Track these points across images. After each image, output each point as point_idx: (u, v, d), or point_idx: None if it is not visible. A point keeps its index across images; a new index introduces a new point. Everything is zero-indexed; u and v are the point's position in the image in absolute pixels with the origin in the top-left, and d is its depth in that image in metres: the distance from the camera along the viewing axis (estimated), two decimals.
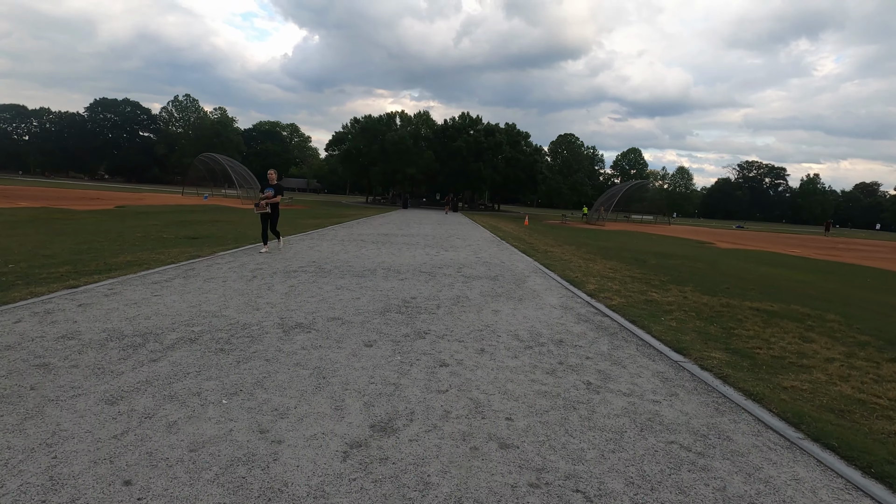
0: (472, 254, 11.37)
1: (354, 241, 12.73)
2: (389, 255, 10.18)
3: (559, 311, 5.74)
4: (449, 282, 7.21)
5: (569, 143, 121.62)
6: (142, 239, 10.77)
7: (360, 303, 5.48)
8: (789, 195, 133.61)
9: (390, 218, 27.36)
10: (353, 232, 15.72)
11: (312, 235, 13.61)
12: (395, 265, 8.61)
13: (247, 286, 6.00)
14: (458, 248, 12.58)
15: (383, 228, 18.25)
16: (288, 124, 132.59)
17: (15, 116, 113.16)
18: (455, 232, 18.80)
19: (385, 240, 13.48)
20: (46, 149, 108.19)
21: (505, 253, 12.09)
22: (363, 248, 10.99)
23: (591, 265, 10.59)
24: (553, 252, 13.14)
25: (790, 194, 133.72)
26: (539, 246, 15.05)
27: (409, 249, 11.37)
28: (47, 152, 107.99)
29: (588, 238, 22.51)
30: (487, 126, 56.91)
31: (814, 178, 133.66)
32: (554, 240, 18.78)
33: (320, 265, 8.01)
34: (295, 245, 10.89)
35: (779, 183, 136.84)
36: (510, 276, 8.15)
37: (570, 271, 9.21)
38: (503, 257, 11.10)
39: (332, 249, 10.47)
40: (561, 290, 7.17)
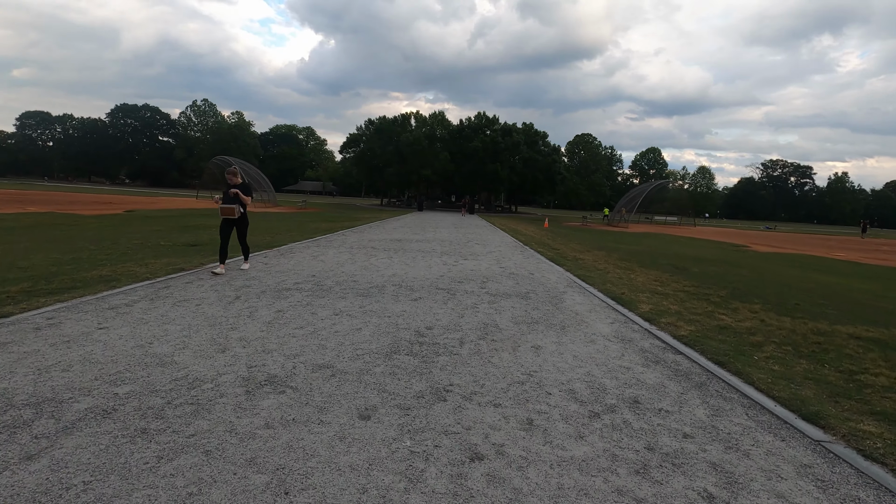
0: (494, 263, 10.10)
1: (364, 248, 11.57)
2: (402, 265, 8.97)
3: (617, 346, 4.45)
4: (472, 302, 5.96)
5: (586, 144, 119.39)
6: (136, 247, 9.79)
7: (360, 337, 4.26)
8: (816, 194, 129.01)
9: (405, 221, 26.22)
10: (363, 237, 14.58)
11: (319, 242, 12.49)
12: (407, 279, 7.39)
13: (223, 312, 4.83)
14: (479, 255, 11.33)
15: (397, 233, 17.08)
16: (304, 128, 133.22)
17: (39, 123, 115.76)
18: (473, 236, 17.54)
19: (398, 246, 12.29)
20: (70, 154, 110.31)
21: (531, 261, 10.78)
22: (373, 258, 9.80)
23: (632, 276, 9.22)
24: (584, 259, 11.79)
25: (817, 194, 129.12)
26: (566, 252, 13.70)
27: (424, 258, 10.16)
28: (70, 157, 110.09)
29: (615, 242, 21.02)
30: (504, 126, 55.53)
31: (842, 176, 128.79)
32: (580, 244, 17.37)
33: (320, 281, 6.83)
34: (297, 254, 9.76)
35: (805, 182, 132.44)
36: (543, 293, 6.86)
37: (612, 285, 7.88)
38: (530, 266, 9.80)
39: (338, 259, 9.30)
40: (609, 313, 5.86)
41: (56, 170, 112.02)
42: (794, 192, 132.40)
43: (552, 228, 28.94)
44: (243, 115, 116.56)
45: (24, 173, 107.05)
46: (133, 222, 18.07)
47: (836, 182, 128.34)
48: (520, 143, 53.83)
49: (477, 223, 28.85)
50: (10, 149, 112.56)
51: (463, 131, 55.50)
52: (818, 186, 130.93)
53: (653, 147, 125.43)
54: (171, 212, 25.63)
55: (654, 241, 24.31)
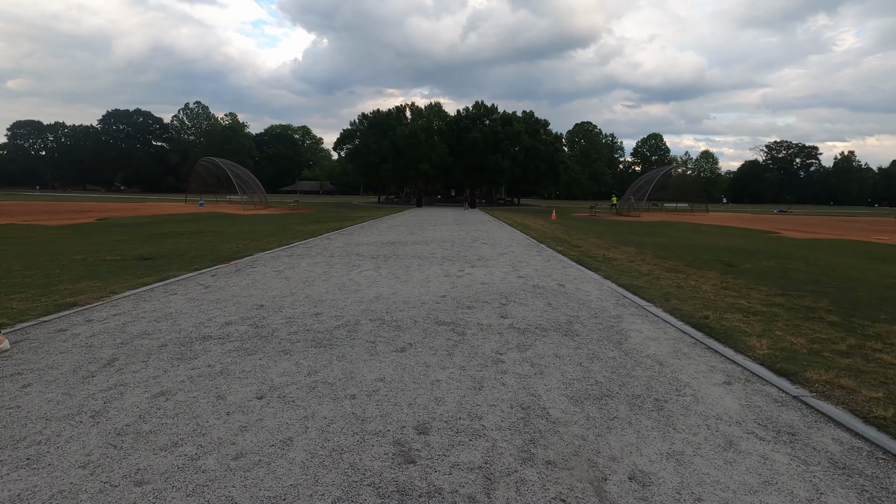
0: (510, 269, 7.96)
1: (348, 256, 9.43)
2: (391, 280, 6.84)
3: (783, 457, 2.31)
4: (492, 349, 3.82)
5: (586, 132, 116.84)
6: (74, 264, 7.84)
7: (277, 470, 2.12)
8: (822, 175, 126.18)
9: (401, 219, 24.04)
10: (350, 241, 12.44)
11: (295, 249, 10.37)
12: (395, 306, 5.25)
13: (53, 409, 2.70)
14: (489, 259, 9.18)
15: (391, 234, 14.92)
16: (299, 127, 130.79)
17: (31, 132, 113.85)
18: (479, 234, 15.38)
19: (390, 252, 10.15)
20: (62, 163, 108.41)
21: (555, 265, 8.62)
22: (354, 270, 7.67)
23: (691, 282, 7.07)
24: (616, 259, 9.62)
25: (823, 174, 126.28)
26: (591, 249, 11.54)
27: (420, 267, 8.02)
28: (63, 166, 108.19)
29: (635, 233, 18.83)
30: (504, 115, 53.10)
31: (848, 155, 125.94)
32: (601, 238, 15.19)
33: (265, 317, 4.68)
34: (258, 269, 7.63)
35: (811, 163, 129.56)
36: (592, 322, 4.72)
37: (677, 300, 5.72)
38: (556, 273, 7.66)
39: (309, 274, 7.17)
40: (710, 359, 3.70)
41: (50, 179, 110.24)
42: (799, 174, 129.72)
43: (562, 221, 26.75)
44: (237, 117, 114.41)
45: (17, 184, 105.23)
46: (97, 232, 16.00)
47: (843, 161, 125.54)
48: (520, 133, 51.43)
49: (480, 218, 26.68)
50: (1, 160, 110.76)
51: (461, 122, 53.10)
52: (824, 167, 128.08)
53: (654, 133, 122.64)
54: (148, 218, 23.53)
55: (675, 230, 22.10)
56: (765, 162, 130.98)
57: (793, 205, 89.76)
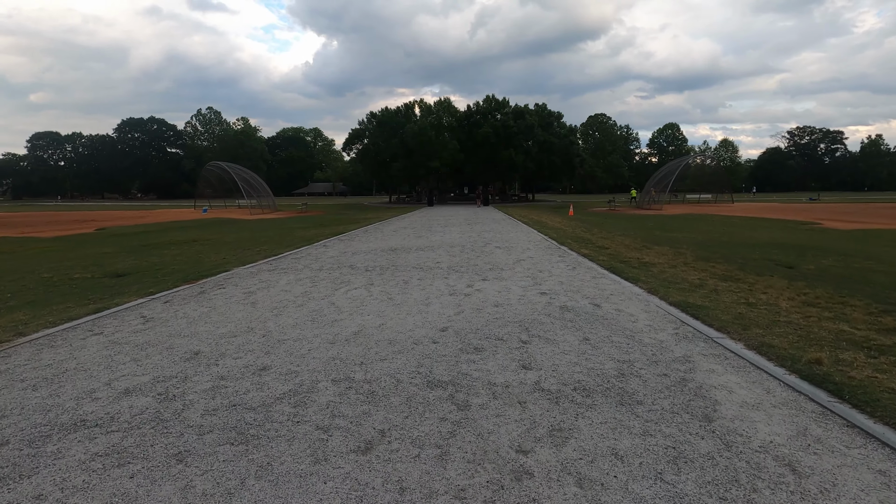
0: (530, 282, 6.54)
1: (339, 268, 8.11)
2: (380, 304, 5.48)
3: None
4: (510, 442, 2.42)
5: (600, 124, 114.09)
6: (32, 284, 6.90)
7: None
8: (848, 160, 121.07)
9: (409, 220, 22.71)
10: (348, 249, 11.12)
11: (284, 261, 9.10)
12: (374, 351, 3.88)
13: None
14: (504, 268, 7.77)
15: (395, 238, 13.58)
16: (311, 129, 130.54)
17: (50, 143, 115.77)
18: (492, 235, 13.96)
19: (388, 261, 8.80)
20: (80, 172, 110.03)
21: (583, 275, 7.17)
22: (340, 289, 6.33)
23: (759, 295, 5.57)
24: (655, 264, 8.12)
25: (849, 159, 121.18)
26: (620, 251, 10.04)
27: (420, 283, 6.66)
28: (81, 175, 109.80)
29: (663, 229, 17.19)
30: (516, 108, 51.33)
31: (876, 139, 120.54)
32: (627, 236, 13.64)
33: (189, 377, 3.33)
34: (227, 290, 6.34)
35: (836, 148, 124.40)
36: (654, 374, 3.28)
37: (761, 329, 4.24)
38: (587, 287, 6.22)
39: (282, 298, 5.86)
40: (863, 449, 2.29)
41: (69, 189, 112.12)
42: (824, 160, 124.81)
43: (581, 217, 25.13)
44: (249, 121, 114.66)
45: (38, 194, 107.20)
46: (88, 244, 15.05)
47: (870, 146, 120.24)
48: (533, 126, 49.62)
49: (494, 216, 25.20)
50: (22, 171, 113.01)
51: (471, 117, 51.51)
52: (851, 152, 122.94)
53: (671, 123, 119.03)
54: (149, 227, 22.66)
55: (706, 224, 20.35)
56: (787, 149, 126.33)
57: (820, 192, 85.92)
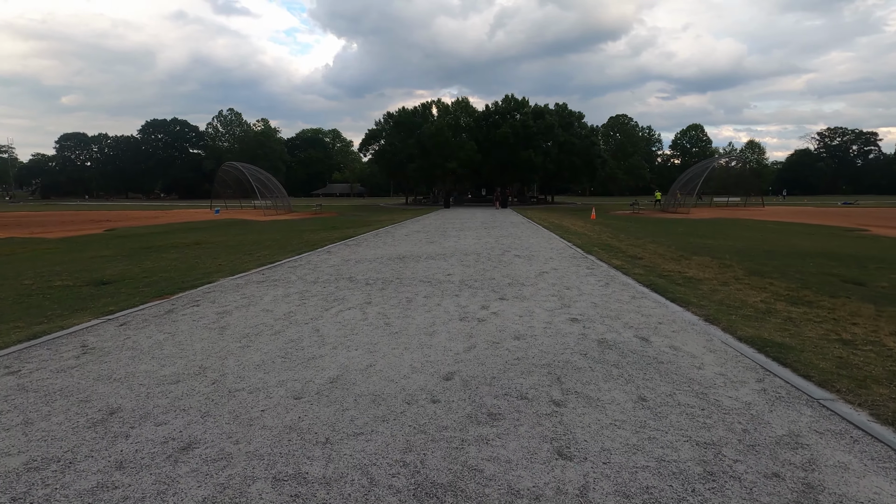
0: (556, 304, 5.45)
1: (336, 281, 7.15)
2: (374, 332, 4.47)
3: None
4: None
5: (621, 125, 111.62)
6: (10, 292, 6.07)
7: None
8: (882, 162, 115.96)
9: (423, 223, 21.72)
10: (352, 256, 10.16)
11: (280, 269, 8.20)
12: (348, 417, 2.87)
13: None
14: (525, 283, 6.69)
15: (405, 244, 12.59)
16: (329, 130, 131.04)
17: (77, 144, 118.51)
18: (511, 241, 12.86)
19: (393, 273, 7.80)
20: (106, 172, 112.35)
21: (619, 294, 6.03)
22: (331, 309, 5.34)
23: (852, 328, 4.40)
24: (702, 280, 6.94)
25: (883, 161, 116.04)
26: (656, 262, 8.86)
27: (426, 302, 5.62)
28: (107, 175, 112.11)
29: (696, 235, 15.86)
30: (535, 108, 49.98)
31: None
32: (658, 243, 12.39)
33: (76, 460, 2.38)
34: (200, 309, 5.41)
35: (869, 150, 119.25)
36: (759, 475, 2.21)
37: (885, 387, 3.12)
38: (628, 311, 5.10)
39: (258, 321, 4.89)
40: None
41: (95, 188, 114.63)
42: (856, 162, 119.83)
43: (605, 221, 23.81)
44: (269, 122, 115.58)
45: (66, 194, 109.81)
46: (90, 246, 14.50)
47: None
48: (553, 126, 48.23)
49: (512, 220, 24.05)
50: (51, 171, 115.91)
51: (490, 117, 50.35)
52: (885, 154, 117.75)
53: (694, 124, 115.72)
54: (159, 228, 22.18)
55: (740, 229, 18.87)
56: (817, 150, 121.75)
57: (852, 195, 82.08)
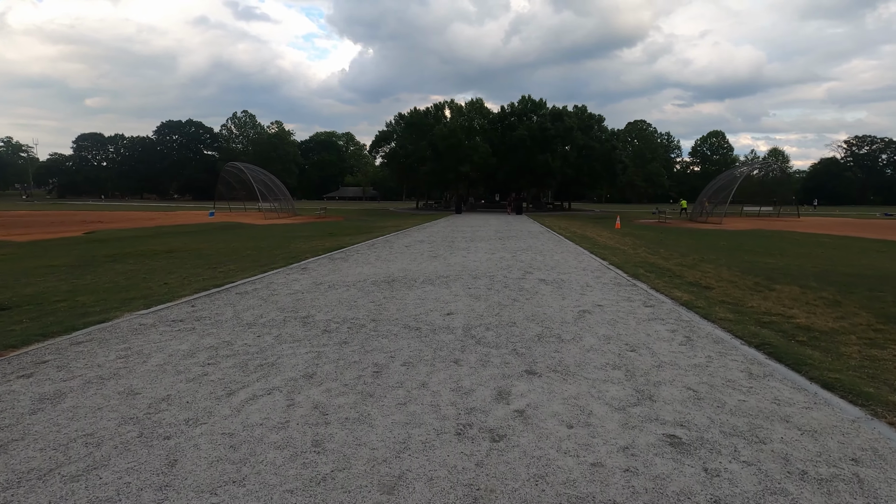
0: (632, 400, 3.12)
1: (282, 325, 4.89)
2: (270, 482, 2.26)
3: None
4: None
5: (640, 131, 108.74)
6: None
7: None
8: None
9: (430, 231, 19.47)
10: (329, 276, 7.93)
11: (227, 294, 6.03)
12: None
13: None
14: (562, 338, 4.35)
15: (402, 259, 10.35)
16: (343, 133, 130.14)
17: (93, 144, 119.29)
18: (531, 256, 10.56)
19: (370, 311, 5.55)
20: (122, 172, 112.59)
21: (718, 364, 3.65)
22: (233, 396, 3.06)
23: None
24: (832, 333, 4.57)
25: None
26: (735, 296, 6.48)
27: (400, 386, 3.30)
28: (122, 175, 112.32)
29: (752, 252, 13.33)
30: (553, 110, 47.55)
31: None
32: (716, 265, 9.95)
33: None
34: (44, 372, 3.28)
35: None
36: None
37: None
38: (749, 404, 2.82)
39: (99, 423, 2.71)
40: None
41: (111, 188, 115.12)
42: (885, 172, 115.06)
43: (632, 231, 21.32)
44: (283, 125, 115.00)
45: (82, 193, 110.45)
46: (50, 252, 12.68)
47: None
48: (573, 129, 45.73)
49: (529, 228, 21.69)
50: (68, 171, 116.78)
51: (505, 119, 48.06)
52: None
53: (715, 131, 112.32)
54: (141, 231, 20.29)
55: (795, 245, 16.24)
56: (843, 159, 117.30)
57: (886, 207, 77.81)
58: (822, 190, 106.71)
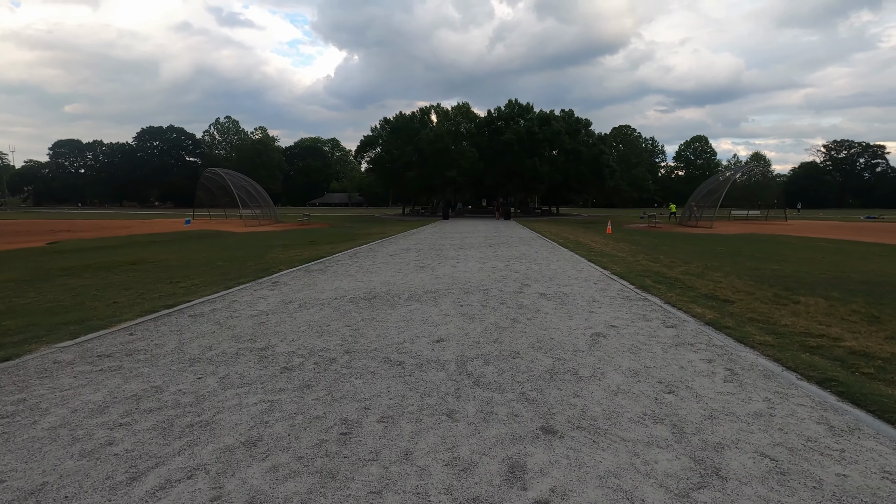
0: (693, 482, 2.37)
1: (234, 361, 3.96)
2: None
3: None
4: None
5: (624, 136, 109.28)
6: None
7: None
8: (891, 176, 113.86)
9: (417, 238, 18.59)
10: (299, 295, 7.00)
11: (176, 319, 5.08)
12: None
13: None
14: (582, 377, 3.47)
15: (385, 270, 9.45)
16: (329, 139, 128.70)
17: (71, 151, 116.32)
18: (525, 266, 9.75)
19: (345, 340, 4.63)
20: (100, 179, 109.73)
21: (813, 429, 2.86)
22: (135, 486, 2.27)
23: None
24: (884, 358, 3.86)
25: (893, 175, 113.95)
26: (762, 310, 5.73)
27: (373, 460, 2.51)
28: (101, 183, 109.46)
29: (754, 258, 12.71)
30: (541, 114, 47.09)
31: None
32: (724, 273, 9.25)
33: None
34: None
35: (877, 163, 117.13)
36: None
37: None
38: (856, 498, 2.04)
39: None
40: None
41: (89, 196, 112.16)
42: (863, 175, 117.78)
43: (624, 236, 20.70)
44: (267, 131, 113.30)
45: (60, 201, 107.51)
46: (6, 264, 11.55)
47: None
48: (560, 133, 45.29)
49: (519, 234, 20.93)
50: (44, 178, 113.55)
51: (492, 123, 47.44)
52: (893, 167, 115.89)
53: (699, 136, 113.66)
54: (111, 241, 19.06)
55: (794, 249, 15.70)
56: (823, 163, 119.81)
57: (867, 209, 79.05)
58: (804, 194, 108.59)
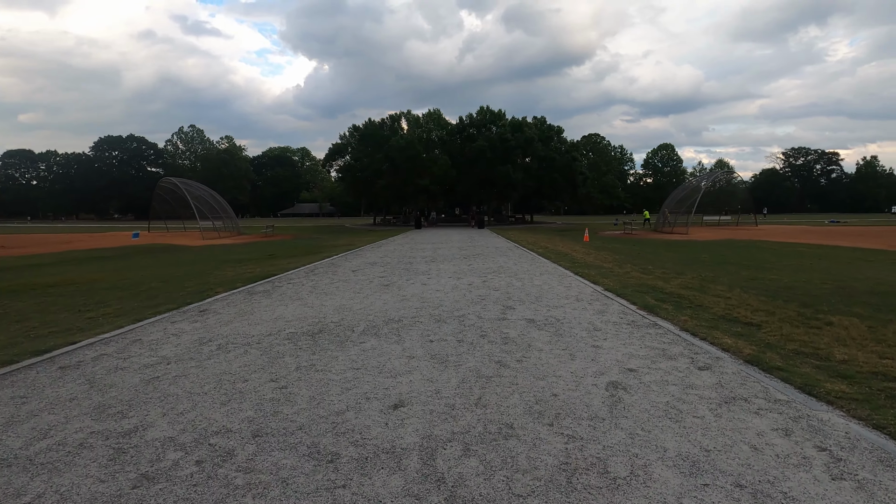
0: None
1: (73, 463, 2.61)
2: None
3: None
4: None
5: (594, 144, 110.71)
6: None
7: None
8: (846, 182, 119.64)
9: (385, 250, 17.17)
10: (226, 330, 5.53)
11: (83, 353, 3.59)
12: None
13: None
14: (618, 483, 2.34)
15: (344, 291, 8.05)
16: (298, 149, 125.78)
17: (22, 161, 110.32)
18: (506, 281, 8.52)
19: (260, 414, 3.23)
20: (55, 191, 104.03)
21: None
22: None
23: None
24: None
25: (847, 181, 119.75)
26: (813, 345, 4.65)
27: None
28: (56, 195, 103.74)
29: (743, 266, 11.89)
30: (513, 121, 46.53)
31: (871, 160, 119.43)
32: (728, 287, 8.25)
33: None
34: None
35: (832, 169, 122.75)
36: None
37: None
38: None
39: None
40: None
41: (42, 208, 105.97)
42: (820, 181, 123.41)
43: (603, 244, 19.84)
44: (234, 140, 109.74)
45: (11, 215, 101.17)
46: None
47: (866, 167, 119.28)
48: (533, 140, 44.77)
49: (495, 243, 19.80)
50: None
51: (464, 130, 46.57)
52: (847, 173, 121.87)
53: (665, 144, 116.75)
54: (44, 258, 16.95)
55: (778, 256, 15.06)
56: (782, 170, 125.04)
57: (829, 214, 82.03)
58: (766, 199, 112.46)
